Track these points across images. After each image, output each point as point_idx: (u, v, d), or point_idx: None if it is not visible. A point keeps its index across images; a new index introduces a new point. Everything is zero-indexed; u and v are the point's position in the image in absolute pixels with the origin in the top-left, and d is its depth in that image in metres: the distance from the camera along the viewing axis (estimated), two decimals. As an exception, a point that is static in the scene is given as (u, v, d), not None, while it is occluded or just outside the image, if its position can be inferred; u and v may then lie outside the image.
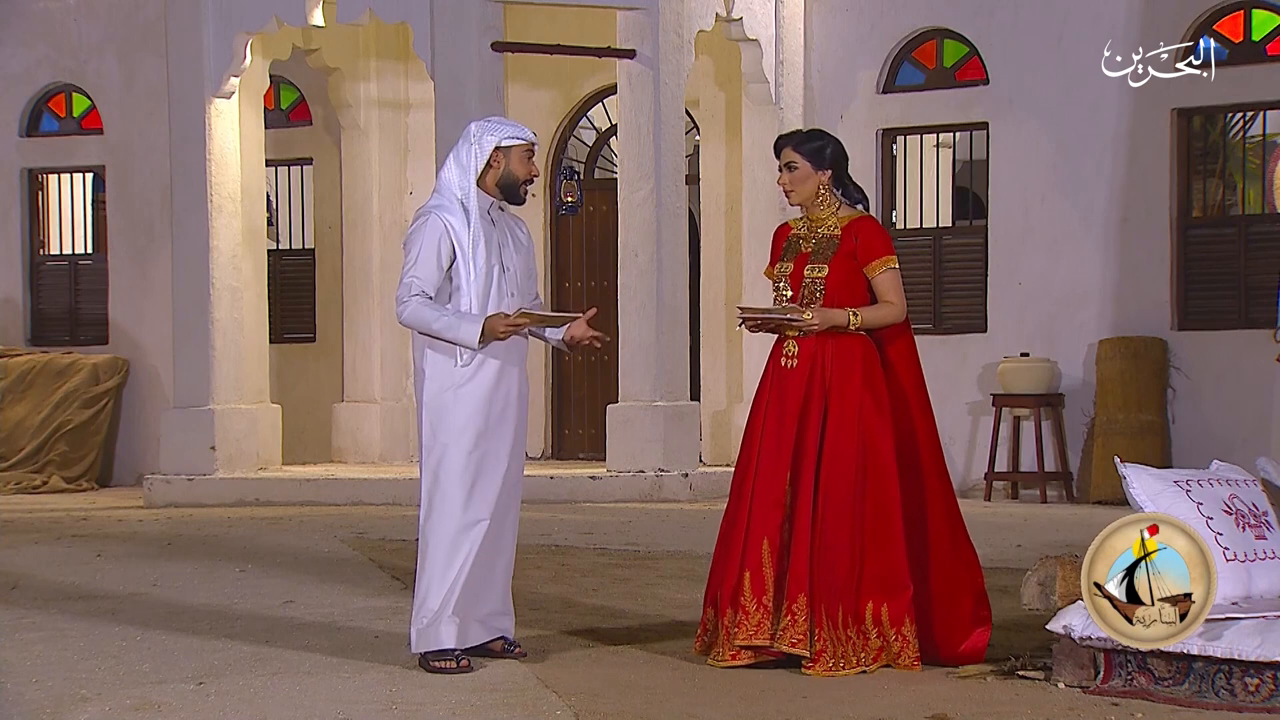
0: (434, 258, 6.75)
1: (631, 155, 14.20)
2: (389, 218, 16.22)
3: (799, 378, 6.79)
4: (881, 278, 6.85)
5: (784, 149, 6.94)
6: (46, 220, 17.79)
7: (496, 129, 6.88)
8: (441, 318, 6.71)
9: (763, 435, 6.80)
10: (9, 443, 16.73)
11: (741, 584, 6.67)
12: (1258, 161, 14.18)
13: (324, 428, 16.45)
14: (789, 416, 6.76)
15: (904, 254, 15.03)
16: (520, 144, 6.87)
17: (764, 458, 6.76)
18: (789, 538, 6.67)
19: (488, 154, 6.84)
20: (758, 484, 6.74)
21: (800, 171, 6.90)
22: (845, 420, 6.72)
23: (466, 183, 6.83)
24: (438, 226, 6.76)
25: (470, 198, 6.82)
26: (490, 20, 13.93)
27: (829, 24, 15.31)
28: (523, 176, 6.90)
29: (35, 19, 17.43)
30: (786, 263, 6.92)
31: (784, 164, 6.92)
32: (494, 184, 6.87)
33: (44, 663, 6.95)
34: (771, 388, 6.85)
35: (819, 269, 6.83)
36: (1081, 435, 14.20)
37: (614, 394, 14.45)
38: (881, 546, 6.73)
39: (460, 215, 6.78)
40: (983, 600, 6.84)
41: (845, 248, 6.83)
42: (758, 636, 6.64)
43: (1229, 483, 6.40)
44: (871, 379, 6.80)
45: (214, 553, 10.72)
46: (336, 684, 6.48)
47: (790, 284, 6.87)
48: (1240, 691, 5.86)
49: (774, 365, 6.89)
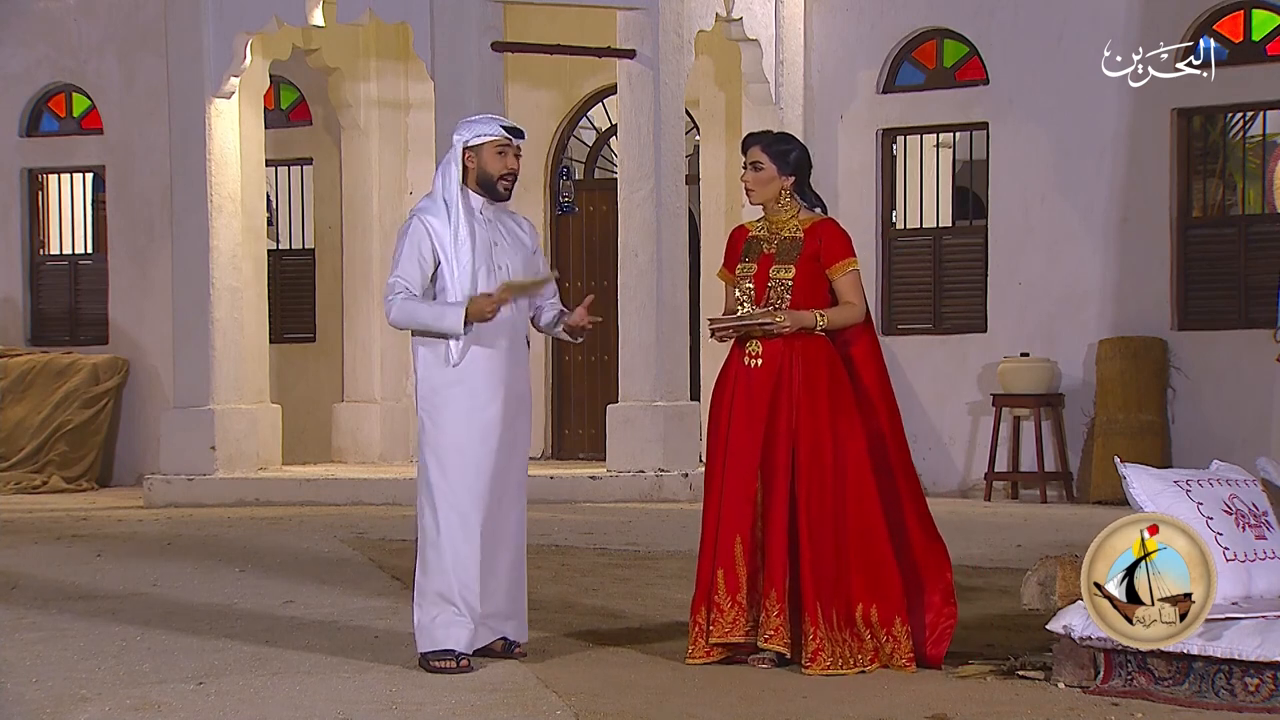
0: (415, 260, 6.78)
1: (631, 155, 14.20)
2: (389, 218, 16.22)
3: (765, 376, 6.81)
4: (844, 279, 6.90)
5: (751, 147, 6.97)
6: (46, 220, 17.79)
7: (465, 129, 6.89)
8: (427, 309, 6.74)
9: (729, 434, 6.83)
10: (9, 443, 16.73)
11: (715, 582, 6.71)
12: (1258, 161, 14.18)
13: (324, 428, 16.45)
14: (757, 415, 6.79)
15: (904, 254, 15.24)
16: (488, 140, 6.86)
17: (732, 456, 6.80)
18: (762, 536, 6.73)
19: (460, 155, 6.85)
20: (727, 483, 6.79)
21: (765, 172, 6.93)
22: (818, 420, 6.75)
23: (449, 184, 6.85)
24: (419, 229, 6.80)
25: (454, 199, 6.82)
26: (490, 20, 13.94)
27: (829, 24, 15.32)
28: (497, 172, 6.88)
29: (35, 19, 17.43)
30: (749, 263, 6.94)
31: (749, 162, 6.95)
32: (475, 183, 6.88)
33: (44, 663, 6.95)
34: (736, 387, 6.86)
35: (785, 270, 6.87)
36: (1081, 435, 14.20)
37: (614, 394, 14.46)
38: (867, 547, 6.76)
39: (443, 217, 6.80)
40: (950, 597, 6.86)
41: (809, 249, 6.88)
42: (733, 634, 6.70)
43: (1229, 483, 6.40)
44: (838, 379, 6.83)
45: (214, 553, 10.72)
46: (336, 684, 6.48)
47: (754, 284, 6.89)
48: (1240, 691, 5.87)
49: (736, 365, 6.91)
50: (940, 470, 14.81)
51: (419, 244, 6.79)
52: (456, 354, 6.75)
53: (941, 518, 12.26)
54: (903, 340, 15.03)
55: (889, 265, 15.22)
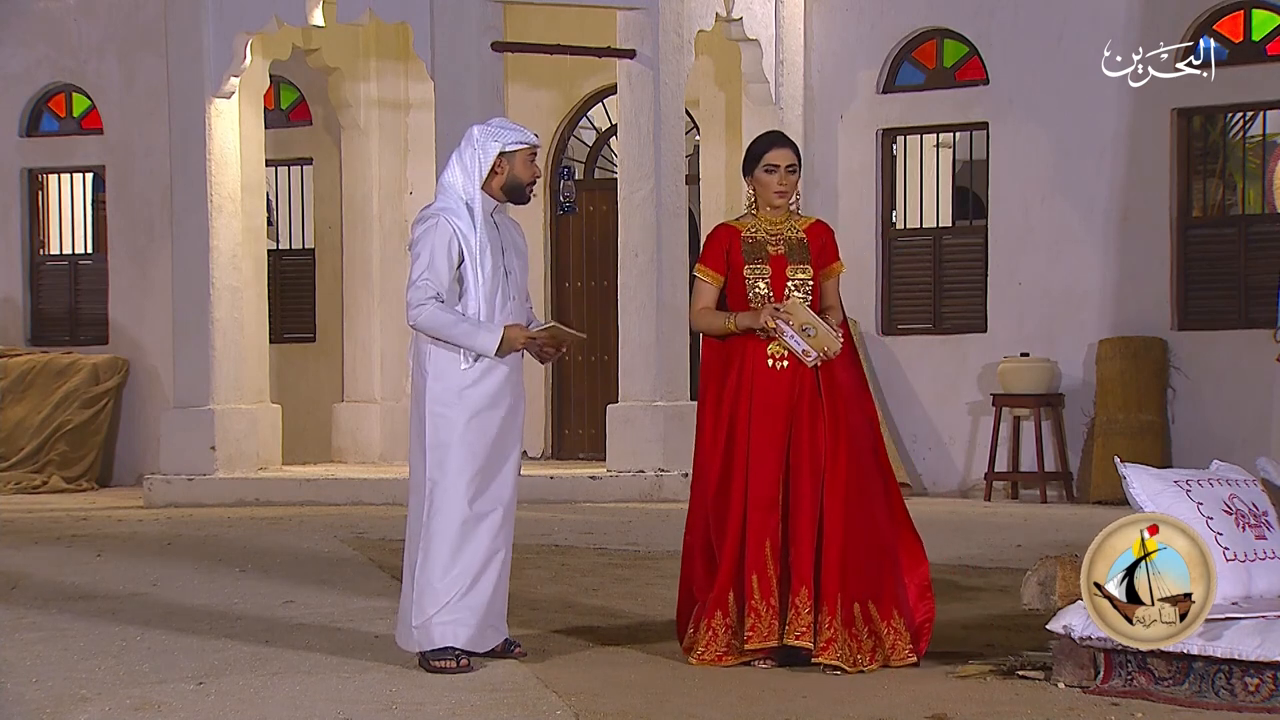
0: (444, 261, 6.74)
1: (631, 155, 14.20)
2: (389, 218, 16.22)
3: (786, 379, 6.80)
4: (833, 281, 6.98)
5: (781, 149, 6.93)
6: (46, 220, 17.79)
7: (500, 134, 6.86)
8: (459, 324, 6.70)
9: (750, 436, 6.80)
10: (9, 443, 16.73)
11: (750, 587, 6.69)
12: (1258, 161, 14.18)
13: (324, 428, 16.45)
14: (779, 418, 6.77)
15: (904, 254, 15.24)
16: (524, 148, 6.88)
17: (755, 459, 6.78)
18: (785, 539, 6.72)
19: (492, 159, 6.83)
20: (751, 487, 6.76)
21: (797, 175, 6.97)
22: (837, 421, 6.77)
23: (472, 187, 6.83)
24: (446, 230, 6.75)
25: (475, 201, 6.82)
26: (490, 20, 13.93)
27: (829, 24, 15.31)
28: (527, 179, 6.91)
29: (35, 19, 17.43)
30: (759, 265, 6.89)
31: (785, 165, 6.92)
32: (498, 188, 6.87)
33: (44, 663, 6.95)
34: (755, 387, 6.82)
35: (804, 270, 6.89)
36: (1081, 435, 14.20)
37: (614, 394, 14.45)
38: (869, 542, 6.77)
39: (466, 219, 6.78)
40: (926, 592, 6.86)
41: (814, 249, 6.91)
42: (770, 638, 6.69)
43: (1229, 483, 6.40)
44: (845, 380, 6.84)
45: (214, 553, 10.72)
46: (336, 684, 6.48)
47: (772, 286, 6.87)
48: (1240, 691, 5.87)
49: (755, 364, 6.84)
50: (940, 470, 14.82)
51: (447, 244, 6.74)
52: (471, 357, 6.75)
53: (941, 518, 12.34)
54: (903, 340, 15.03)
55: (889, 265, 15.22)
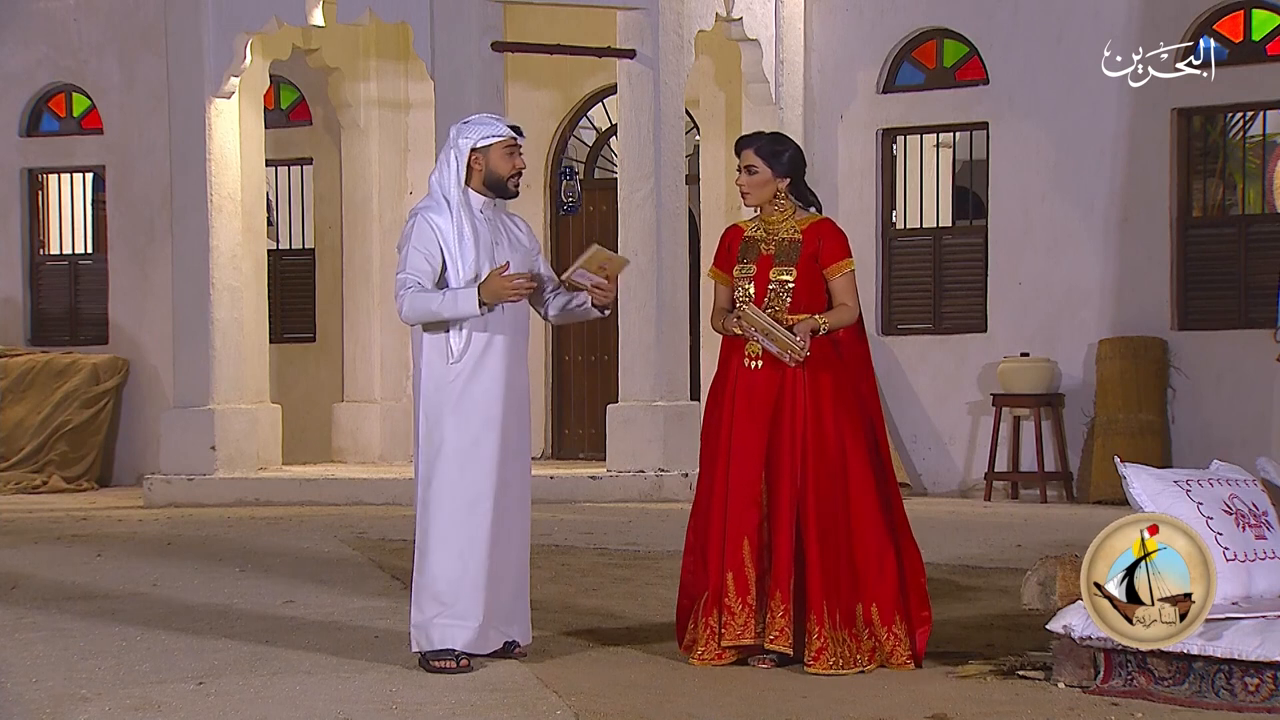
0: (423, 256, 6.77)
1: (631, 155, 14.20)
2: (389, 218, 16.21)
3: (766, 378, 6.81)
4: (841, 280, 6.90)
5: (744, 150, 6.93)
6: (46, 220, 17.79)
7: (470, 131, 6.85)
8: (438, 298, 6.71)
9: (731, 436, 6.81)
10: (9, 443, 16.73)
11: (725, 585, 6.72)
12: (1258, 161, 14.18)
13: (324, 428, 16.45)
14: (760, 416, 6.78)
15: (904, 254, 15.24)
16: (495, 141, 6.85)
17: (736, 458, 6.79)
18: (768, 538, 6.73)
19: (466, 157, 6.83)
20: (732, 485, 6.78)
21: (759, 175, 6.91)
22: (823, 421, 6.76)
23: (450, 184, 6.84)
24: (424, 227, 6.80)
25: (454, 200, 6.81)
26: (490, 20, 13.93)
27: (829, 24, 15.31)
28: (506, 173, 6.88)
29: (35, 19, 17.43)
30: (748, 264, 6.91)
31: (743, 166, 6.92)
32: (481, 184, 6.87)
33: (44, 663, 6.95)
34: (737, 388, 6.84)
35: (786, 271, 6.85)
36: (1081, 435, 14.20)
37: (614, 394, 14.45)
38: (868, 546, 6.77)
39: (447, 215, 6.79)
40: (924, 600, 6.86)
41: (808, 250, 6.87)
42: (744, 636, 6.71)
43: (1229, 483, 6.40)
44: (839, 380, 6.83)
45: (214, 553, 10.72)
46: (336, 684, 6.48)
47: (755, 286, 6.87)
48: (1240, 691, 5.87)
49: (735, 365, 6.87)
50: (940, 470, 14.82)
51: (425, 241, 6.78)
52: (458, 350, 6.74)
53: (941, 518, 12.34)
54: (903, 340, 15.03)
55: (889, 265, 15.22)
